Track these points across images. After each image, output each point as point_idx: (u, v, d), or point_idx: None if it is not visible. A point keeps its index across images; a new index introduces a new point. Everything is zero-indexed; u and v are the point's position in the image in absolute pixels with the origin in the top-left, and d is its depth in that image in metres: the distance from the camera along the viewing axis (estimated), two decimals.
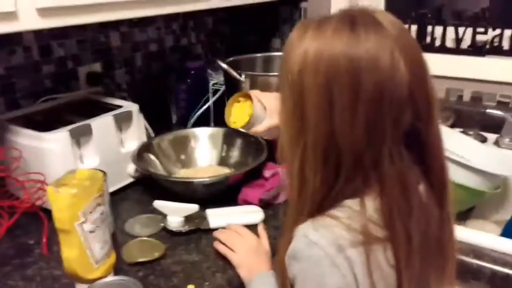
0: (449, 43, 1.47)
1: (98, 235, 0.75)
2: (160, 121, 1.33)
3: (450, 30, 1.45)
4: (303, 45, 0.60)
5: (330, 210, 0.61)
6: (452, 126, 1.42)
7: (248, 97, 1.06)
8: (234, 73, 1.15)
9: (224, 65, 1.17)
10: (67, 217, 0.70)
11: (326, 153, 0.59)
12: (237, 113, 1.10)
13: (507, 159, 1.19)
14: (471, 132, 1.41)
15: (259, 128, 1.06)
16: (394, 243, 0.59)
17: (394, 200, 0.59)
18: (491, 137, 1.38)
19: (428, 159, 0.63)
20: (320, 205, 0.62)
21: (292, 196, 0.65)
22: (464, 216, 1.23)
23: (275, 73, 1.23)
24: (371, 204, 0.60)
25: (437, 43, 1.49)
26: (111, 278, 0.75)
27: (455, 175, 1.01)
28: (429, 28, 1.49)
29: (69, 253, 0.72)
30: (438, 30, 1.47)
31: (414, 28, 1.50)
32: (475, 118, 1.43)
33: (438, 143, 0.63)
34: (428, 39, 1.49)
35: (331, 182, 0.60)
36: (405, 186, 0.60)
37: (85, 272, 0.74)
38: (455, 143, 1.24)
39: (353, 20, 0.58)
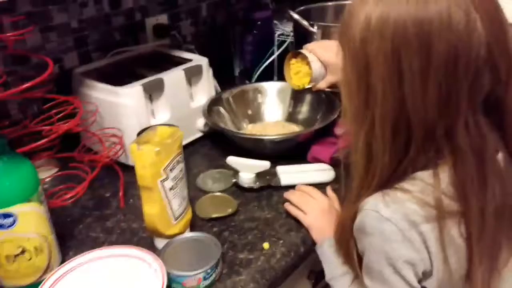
0: None
1: (177, 192, 0.76)
2: (222, 73, 1.30)
3: None
4: (365, 10, 0.56)
5: (401, 183, 0.59)
6: None
7: (303, 55, 1.03)
8: (306, 24, 1.10)
9: (296, 15, 1.12)
10: (150, 174, 0.71)
11: (396, 126, 0.57)
12: (297, 73, 1.08)
13: None
14: None
15: (321, 85, 1.05)
16: (467, 217, 0.57)
17: (469, 173, 0.57)
18: None
19: (506, 123, 0.59)
20: (391, 177, 0.60)
21: (358, 171, 0.63)
22: None
23: None
24: (445, 176, 0.58)
25: None
26: (189, 234, 0.78)
27: None
28: None
29: (151, 210, 0.74)
30: None
31: None
32: None
33: None
34: None
35: (401, 156, 0.58)
36: (481, 157, 0.57)
37: (164, 228, 0.76)
38: None
39: None
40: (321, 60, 1.02)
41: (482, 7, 0.52)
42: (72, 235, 0.85)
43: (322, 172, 0.97)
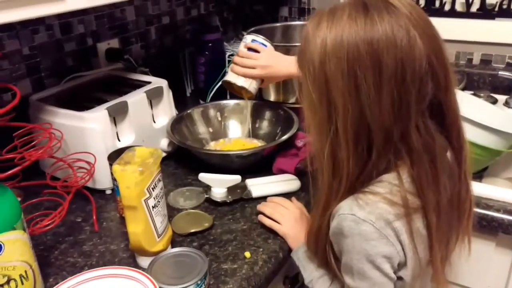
0: (459, 7, 1.50)
1: (159, 210, 0.78)
2: (174, 94, 1.29)
3: None
4: (320, 36, 0.62)
5: (370, 186, 0.65)
6: (463, 89, 1.46)
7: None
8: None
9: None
10: (135, 194, 0.72)
11: (357, 134, 0.63)
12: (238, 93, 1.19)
13: None
14: (482, 94, 1.45)
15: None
16: (426, 209, 0.64)
17: (424, 170, 0.64)
18: (502, 98, 1.43)
19: (447, 124, 0.67)
20: (356, 182, 0.65)
21: (325, 179, 0.68)
22: (478, 175, 1.29)
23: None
24: (406, 176, 0.64)
25: (447, 7, 1.51)
26: (173, 250, 0.79)
27: (474, 136, 1.05)
28: None
29: (136, 228, 0.75)
30: None
31: None
32: (486, 80, 1.48)
33: (455, 107, 0.67)
34: (437, 4, 1.52)
35: (364, 160, 0.64)
36: (432, 155, 0.64)
37: (149, 246, 0.77)
38: (468, 105, 1.28)
39: (366, 5, 0.61)
40: (247, 74, 1.13)
41: (419, 26, 0.60)
42: (48, 262, 0.83)
43: (289, 182, 1.02)
